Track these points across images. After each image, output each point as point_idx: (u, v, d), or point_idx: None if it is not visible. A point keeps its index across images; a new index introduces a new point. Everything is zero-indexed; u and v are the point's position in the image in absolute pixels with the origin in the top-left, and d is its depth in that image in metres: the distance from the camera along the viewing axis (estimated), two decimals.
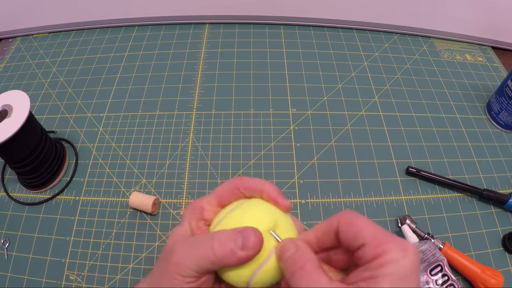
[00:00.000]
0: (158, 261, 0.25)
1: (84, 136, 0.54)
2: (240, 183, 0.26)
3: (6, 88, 0.60)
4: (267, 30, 0.68)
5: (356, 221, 0.21)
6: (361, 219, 0.21)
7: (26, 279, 0.42)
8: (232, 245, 0.22)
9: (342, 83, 0.60)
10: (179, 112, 0.56)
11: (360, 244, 0.20)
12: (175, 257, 0.23)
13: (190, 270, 0.22)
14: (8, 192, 0.49)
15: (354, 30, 0.69)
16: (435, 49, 0.67)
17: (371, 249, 0.20)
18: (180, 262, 0.22)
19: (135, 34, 0.68)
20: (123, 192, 0.48)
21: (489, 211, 0.47)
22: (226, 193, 0.26)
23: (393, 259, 0.19)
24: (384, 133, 0.54)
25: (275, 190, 0.25)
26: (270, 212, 0.25)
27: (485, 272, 0.39)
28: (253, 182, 0.26)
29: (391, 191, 0.48)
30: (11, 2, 0.65)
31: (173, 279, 0.22)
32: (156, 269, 0.25)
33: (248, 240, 0.22)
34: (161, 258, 0.25)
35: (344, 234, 0.21)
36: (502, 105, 0.53)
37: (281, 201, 0.25)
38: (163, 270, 0.24)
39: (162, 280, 0.23)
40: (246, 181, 0.26)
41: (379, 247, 0.19)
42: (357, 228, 0.21)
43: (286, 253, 0.22)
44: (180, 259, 0.23)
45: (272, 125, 0.54)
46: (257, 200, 0.25)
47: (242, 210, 0.25)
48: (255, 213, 0.24)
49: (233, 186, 0.26)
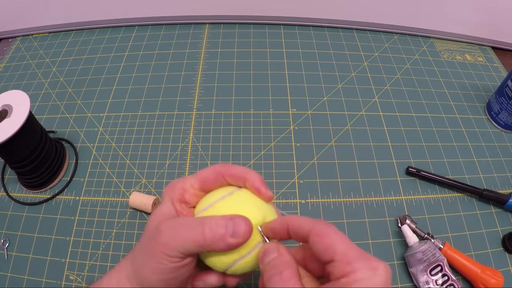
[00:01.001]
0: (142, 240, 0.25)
1: (84, 136, 0.54)
2: (224, 170, 0.26)
3: (6, 88, 0.60)
4: (267, 30, 0.68)
5: (328, 234, 0.21)
6: (334, 234, 0.21)
7: (26, 279, 0.42)
8: (223, 231, 0.22)
9: (342, 83, 0.60)
10: (179, 112, 0.56)
11: (330, 259, 0.20)
12: (163, 237, 0.23)
13: (177, 251, 0.23)
14: (8, 192, 0.49)
15: (354, 30, 0.69)
16: (435, 49, 0.67)
17: (340, 266, 0.20)
18: (168, 242, 0.23)
19: (135, 34, 0.68)
20: (123, 192, 0.48)
21: (489, 211, 0.47)
22: (210, 178, 0.26)
23: (361, 278, 0.19)
24: (384, 133, 0.54)
25: (259, 179, 0.25)
26: (259, 207, 0.25)
27: (485, 272, 0.39)
28: (237, 170, 0.26)
29: (391, 191, 0.48)
30: (11, 2, 0.65)
31: (159, 257, 0.23)
32: (140, 247, 0.26)
33: (239, 228, 0.22)
34: (146, 236, 0.25)
35: (315, 245, 0.21)
36: (502, 105, 0.53)
37: (264, 191, 0.25)
38: (149, 249, 0.24)
39: (147, 258, 0.24)
40: (230, 168, 0.26)
41: (348, 265, 0.19)
42: (329, 242, 0.21)
43: (268, 257, 0.22)
44: (168, 239, 0.23)
45: (272, 125, 0.54)
46: (246, 192, 0.26)
47: (232, 201, 0.25)
48: (245, 207, 0.24)
49: (217, 172, 0.26)
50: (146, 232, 0.25)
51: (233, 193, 0.26)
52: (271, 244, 0.23)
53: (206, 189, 0.27)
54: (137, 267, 0.25)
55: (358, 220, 0.45)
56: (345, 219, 0.45)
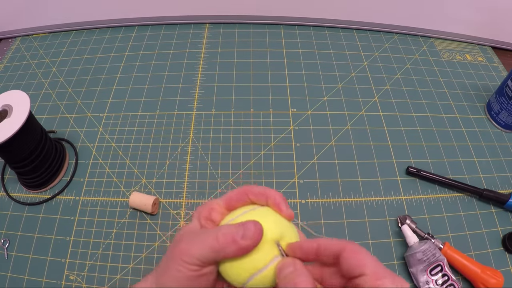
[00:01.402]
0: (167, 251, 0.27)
1: (84, 136, 0.54)
2: (248, 189, 0.28)
3: (6, 88, 0.60)
4: (267, 30, 0.68)
5: (361, 252, 0.23)
6: (364, 251, 0.24)
7: (26, 279, 0.42)
8: (234, 234, 0.24)
9: (342, 83, 0.60)
10: (179, 112, 0.56)
11: (360, 273, 0.22)
12: (182, 244, 0.25)
13: (194, 257, 0.24)
14: (8, 192, 0.49)
15: (354, 30, 0.69)
16: (435, 49, 0.67)
17: (371, 280, 0.22)
18: (186, 248, 0.24)
19: (135, 34, 0.68)
20: (123, 192, 0.48)
21: (489, 211, 0.47)
22: (234, 197, 0.28)
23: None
24: (384, 133, 0.54)
25: (280, 197, 0.27)
26: (278, 223, 0.26)
27: (485, 272, 0.39)
28: (259, 188, 0.28)
29: (391, 191, 0.48)
30: (11, 2, 0.65)
31: (178, 264, 0.24)
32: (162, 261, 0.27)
33: (248, 230, 0.24)
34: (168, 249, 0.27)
35: (348, 260, 0.23)
36: (502, 105, 0.53)
37: (285, 209, 0.27)
38: (168, 257, 0.25)
39: (167, 266, 0.25)
40: (254, 187, 0.28)
41: (378, 279, 0.22)
42: (362, 258, 0.23)
43: (284, 271, 0.24)
44: (185, 245, 0.24)
45: (272, 125, 0.54)
46: (267, 209, 0.27)
47: (252, 215, 0.26)
48: (263, 222, 0.25)
49: (241, 191, 0.28)
50: (170, 247, 0.27)
51: (255, 209, 0.27)
52: (288, 259, 0.24)
53: (231, 207, 0.28)
54: (159, 276, 0.26)
55: (358, 220, 0.45)
56: (345, 219, 0.45)
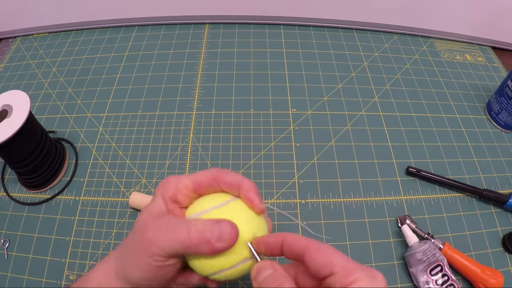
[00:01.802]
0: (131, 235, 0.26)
1: (84, 136, 0.54)
2: (220, 176, 0.26)
3: (6, 88, 0.60)
4: (267, 30, 0.68)
5: (325, 249, 0.22)
6: (330, 249, 0.22)
7: (26, 279, 0.42)
8: (209, 234, 0.22)
9: (342, 83, 0.60)
10: (179, 112, 0.56)
11: (330, 272, 0.21)
12: (149, 234, 0.23)
13: (162, 250, 0.22)
14: (8, 192, 0.49)
15: (354, 30, 0.69)
16: (435, 49, 0.67)
17: (341, 277, 0.20)
18: (154, 240, 0.23)
19: (135, 34, 0.68)
20: (123, 192, 0.48)
21: (489, 211, 0.47)
22: (204, 182, 0.26)
23: (364, 286, 0.20)
24: (384, 133, 0.54)
25: (253, 190, 0.25)
26: (252, 223, 0.25)
27: (485, 272, 0.39)
28: (232, 178, 0.26)
29: (391, 191, 0.48)
30: (11, 2, 0.65)
31: (144, 255, 0.23)
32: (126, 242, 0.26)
33: (224, 233, 0.22)
34: (134, 232, 0.25)
35: (313, 260, 0.22)
36: (502, 105, 0.53)
37: (257, 203, 0.25)
38: (134, 245, 0.24)
39: (133, 256, 0.24)
40: (226, 175, 0.26)
41: (350, 275, 0.20)
42: (327, 257, 0.21)
43: (263, 273, 0.22)
44: (154, 237, 0.23)
45: (272, 125, 0.54)
46: (240, 205, 0.26)
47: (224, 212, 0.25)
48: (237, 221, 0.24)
49: (213, 177, 0.26)
50: (135, 227, 0.25)
51: (227, 204, 0.26)
52: (265, 262, 0.23)
53: (200, 192, 0.27)
54: (123, 264, 0.25)
55: (358, 220, 0.45)
56: (345, 219, 0.45)
